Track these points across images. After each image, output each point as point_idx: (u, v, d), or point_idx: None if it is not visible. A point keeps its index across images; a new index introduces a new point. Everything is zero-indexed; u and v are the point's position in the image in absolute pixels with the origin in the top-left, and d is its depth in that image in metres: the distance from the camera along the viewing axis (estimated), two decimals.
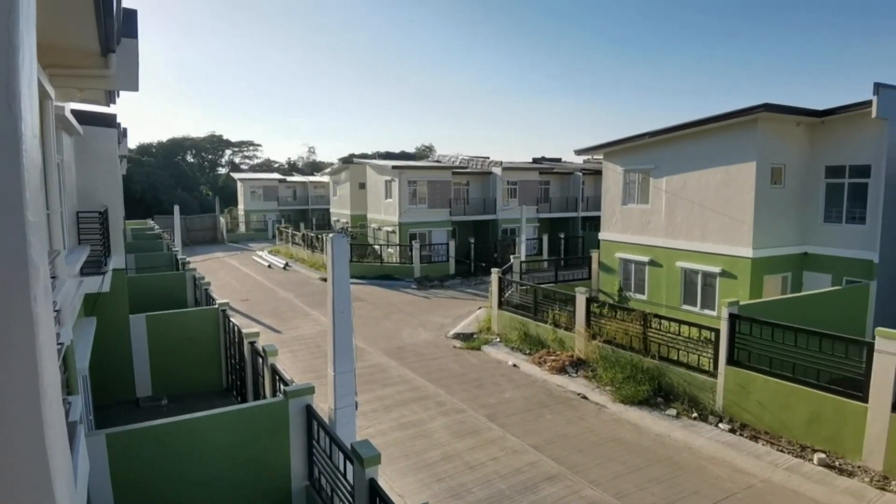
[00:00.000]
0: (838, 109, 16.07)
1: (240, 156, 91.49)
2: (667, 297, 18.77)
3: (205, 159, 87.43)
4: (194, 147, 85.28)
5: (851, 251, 16.02)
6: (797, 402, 10.56)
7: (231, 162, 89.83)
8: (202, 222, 52.86)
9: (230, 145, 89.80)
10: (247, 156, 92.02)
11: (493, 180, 35.96)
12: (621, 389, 12.85)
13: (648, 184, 19.59)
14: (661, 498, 8.89)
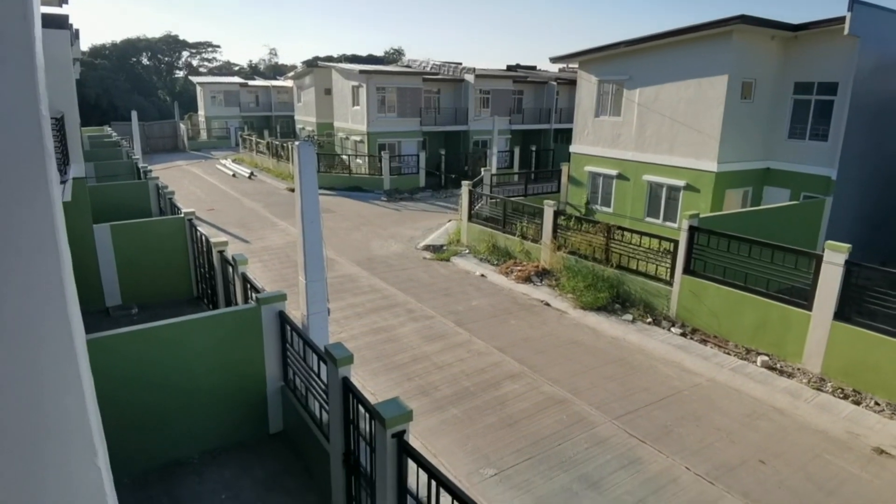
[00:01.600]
0: (812, 24, 15.89)
1: (198, 58, 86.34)
2: (632, 209, 19.21)
3: (161, 62, 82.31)
4: (149, 48, 79.94)
5: (812, 167, 16.48)
6: (746, 310, 11.27)
7: (189, 65, 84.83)
8: (162, 129, 50.66)
9: (187, 46, 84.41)
10: (205, 58, 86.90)
11: (466, 89, 35.01)
12: (582, 297, 13.45)
13: (622, 95, 19.41)
14: (613, 394, 9.62)
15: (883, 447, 8.27)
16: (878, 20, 15.43)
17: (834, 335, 9.96)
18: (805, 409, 9.28)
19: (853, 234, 15.98)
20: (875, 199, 17.33)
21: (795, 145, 16.95)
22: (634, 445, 8.21)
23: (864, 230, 16.97)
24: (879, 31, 15.53)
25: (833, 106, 15.95)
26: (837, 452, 8.18)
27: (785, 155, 17.19)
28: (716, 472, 7.65)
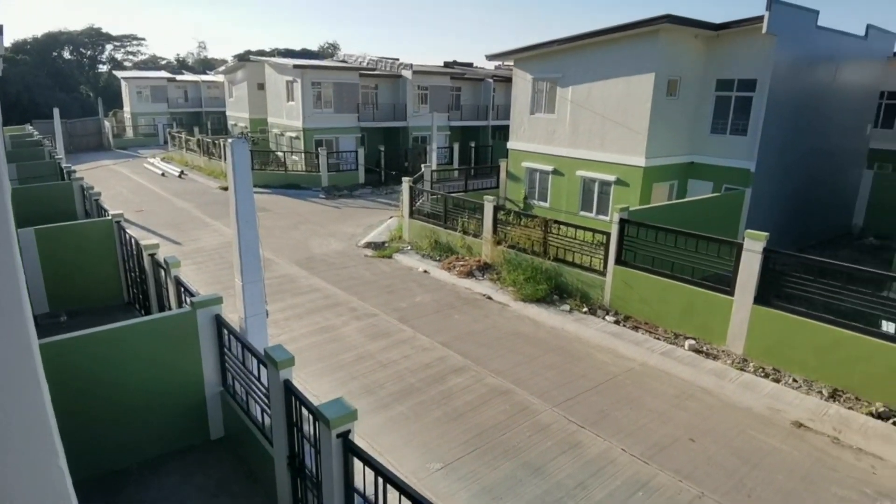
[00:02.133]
0: (733, 23, 16.82)
1: (122, 52, 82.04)
2: (567, 204, 19.79)
3: (84, 56, 77.67)
4: (71, 42, 75.25)
5: (732, 160, 17.48)
6: (674, 296, 11.87)
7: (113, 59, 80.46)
8: (85, 127, 47.82)
9: (111, 39, 79.97)
10: (130, 52, 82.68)
11: (404, 84, 34.93)
12: (522, 289, 13.77)
13: (555, 93, 19.92)
14: (553, 382, 9.93)
15: (801, 421, 8.93)
16: (795, 19, 16.52)
17: (754, 318, 10.66)
18: (730, 388, 9.89)
19: (771, 222, 17.10)
20: (791, 189, 18.59)
21: (717, 140, 17.93)
22: (574, 431, 8.52)
23: (781, 218, 18.19)
24: (795, 30, 16.64)
25: (752, 102, 16.97)
26: (760, 428, 8.77)
27: (708, 149, 18.16)
28: (650, 451, 8.06)
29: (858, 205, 22.08)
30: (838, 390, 9.65)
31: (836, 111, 19.43)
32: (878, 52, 20.75)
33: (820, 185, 19.74)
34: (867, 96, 20.99)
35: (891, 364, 9.10)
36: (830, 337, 9.70)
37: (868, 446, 8.32)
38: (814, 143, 18.83)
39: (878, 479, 7.62)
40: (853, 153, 21.28)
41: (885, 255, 18.00)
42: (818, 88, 18.37)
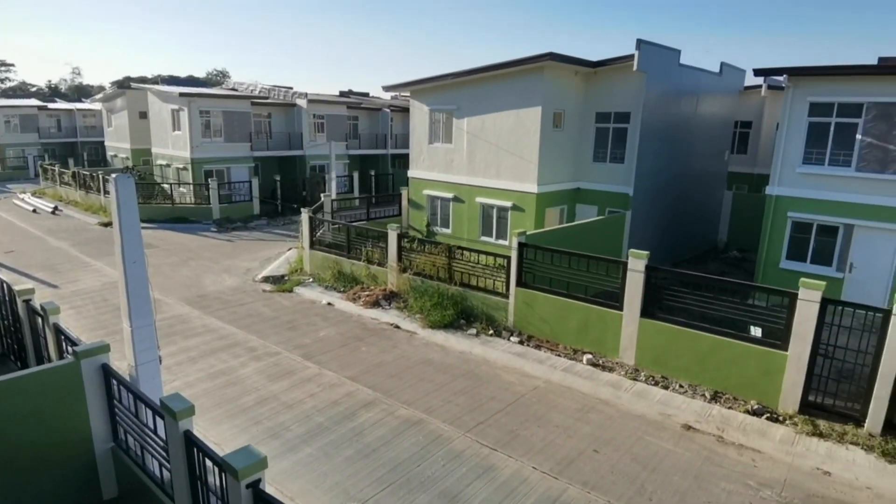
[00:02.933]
0: (608, 61, 18.37)
1: None
2: (468, 230, 20.36)
3: None
4: None
5: (613, 186, 18.93)
6: (570, 314, 12.55)
7: None
8: None
9: None
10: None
11: (299, 113, 34.44)
12: (430, 316, 13.92)
13: (452, 124, 20.58)
14: (464, 407, 10.08)
15: (689, 423, 9.71)
16: (660, 57, 18.33)
17: (642, 330, 11.52)
18: (626, 398, 10.57)
19: (649, 240, 18.62)
20: (664, 210, 20.37)
21: (599, 167, 19.35)
22: (487, 454, 8.69)
23: (657, 237, 19.85)
24: (661, 67, 18.44)
25: (627, 133, 18.55)
26: (655, 433, 9.43)
27: (592, 176, 19.54)
28: (559, 467, 8.39)
29: (722, 222, 24.64)
30: (719, 392, 10.62)
31: (698, 139, 21.68)
32: (731, 87, 23.52)
33: (689, 205, 21.83)
34: (724, 125, 23.64)
35: (760, 365, 10.19)
36: (708, 343, 10.70)
37: (748, 442, 9.21)
38: (681, 168, 20.84)
39: (758, 472, 8.43)
40: (715, 176, 23.79)
41: (747, 266, 20.17)
42: (683, 119, 20.44)
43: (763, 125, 26.12)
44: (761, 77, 17.40)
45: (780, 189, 15.73)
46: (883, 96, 14.09)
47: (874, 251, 14.65)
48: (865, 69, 14.57)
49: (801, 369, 9.81)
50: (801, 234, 15.67)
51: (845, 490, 8.04)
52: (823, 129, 15.04)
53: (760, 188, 17.45)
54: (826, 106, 14.93)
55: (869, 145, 14.43)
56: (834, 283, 14.76)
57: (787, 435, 9.37)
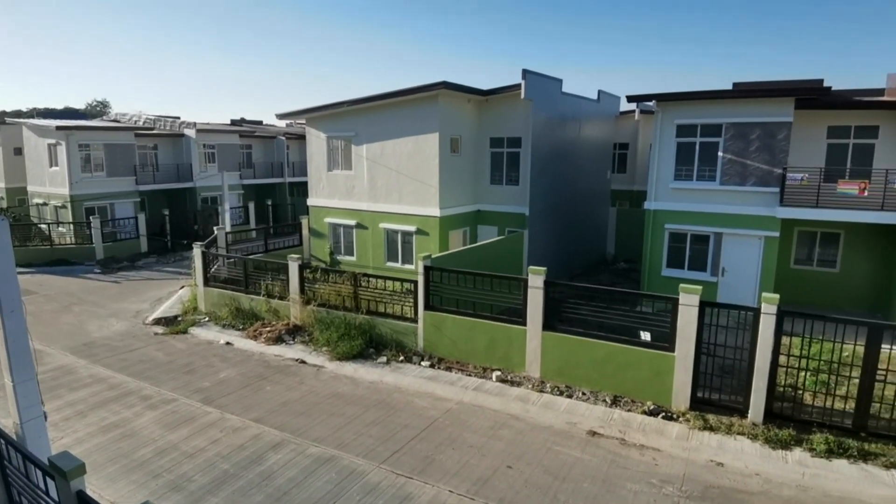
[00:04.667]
0: (497, 90, 19.27)
1: None
2: (373, 256, 20.28)
3: None
4: None
5: (510, 207, 19.72)
6: (478, 333, 12.82)
7: None
8: None
9: None
10: None
11: (187, 143, 32.84)
12: (337, 348, 13.64)
13: (351, 150, 20.55)
14: (377, 438, 9.93)
15: (594, 429, 10.19)
16: (545, 86, 19.46)
17: (545, 343, 11.99)
18: (534, 410, 10.91)
19: (547, 257, 19.53)
20: (558, 227, 21.48)
21: (497, 190, 20.11)
22: (403, 483, 8.59)
23: (553, 253, 20.87)
24: (546, 95, 19.58)
25: (520, 156, 19.46)
26: (563, 442, 9.80)
27: (490, 198, 20.25)
28: (475, 487, 8.47)
29: (609, 236, 26.42)
30: (618, 396, 11.26)
31: (583, 160, 23.17)
32: (608, 112, 25.43)
33: (579, 221, 23.19)
34: (604, 147, 25.45)
35: (652, 367, 10.94)
36: (605, 351, 11.35)
37: (648, 441, 9.81)
38: (571, 187, 22.13)
39: (660, 469, 8.98)
40: (600, 194, 25.49)
41: (634, 275, 21.66)
42: (568, 142, 21.77)
43: (638, 146, 28.41)
44: (634, 103, 18.98)
45: (657, 204, 17.16)
46: (738, 117, 15.86)
47: (741, 255, 16.31)
48: (722, 94, 16.34)
49: (688, 369, 10.64)
50: (678, 243, 17.14)
51: (737, 478, 8.76)
52: (690, 148, 16.64)
53: (640, 203, 18.95)
54: (691, 127, 16.55)
55: (729, 161, 16.14)
56: (710, 286, 16.22)
57: (681, 431, 10.08)
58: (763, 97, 15.66)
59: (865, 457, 9.12)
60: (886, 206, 14.63)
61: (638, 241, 18.86)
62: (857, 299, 16.94)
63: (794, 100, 15.31)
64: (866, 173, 15.63)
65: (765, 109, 15.55)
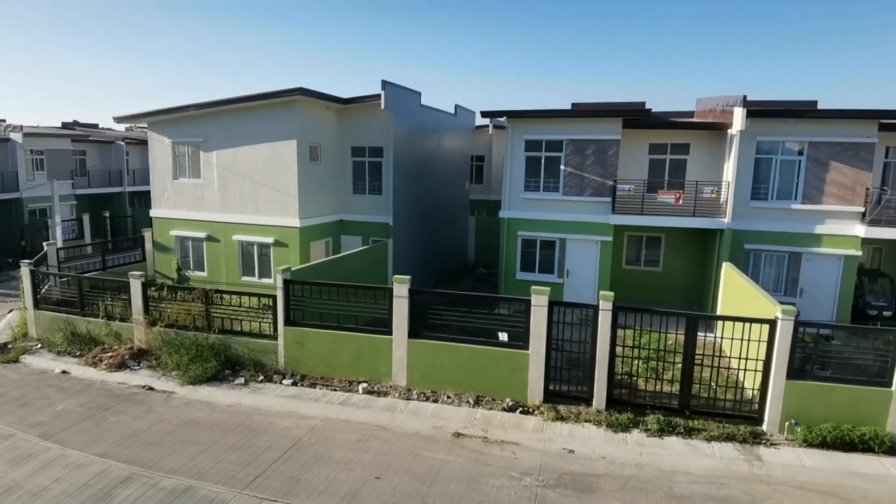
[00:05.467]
0: (357, 99, 19.28)
1: None
2: (227, 271, 19.21)
3: None
4: None
5: (374, 216, 19.82)
6: (343, 346, 12.72)
7: None
8: None
9: None
10: None
11: (13, 149, 28.65)
12: (189, 371, 12.74)
13: (199, 157, 19.31)
14: (238, 463, 9.45)
15: (459, 430, 10.59)
16: (404, 98, 19.84)
17: (411, 351, 12.24)
18: (401, 419, 11.08)
19: (412, 265, 19.92)
20: (422, 235, 22.00)
21: (360, 199, 20.10)
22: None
23: (418, 261, 21.33)
24: (406, 107, 19.98)
25: (382, 166, 19.64)
26: (430, 446, 10.06)
27: (353, 208, 20.18)
28: (343, 502, 8.40)
29: (469, 243, 27.63)
30: (480, 396, 11.82)
31: (444, 171, 23.99)
32: (465, 126, 26.60)
33: (441, 230, 23.96)
34: (462, 159, 26.58)
35: (509, 365, 11.65)
36: (467, 353, 11.87)
37: (507, 437, 10.42)
38: (432, 197, 22.81)
39: (519, 462, 9.58)
40: (460, 203, 26.56)
41: (493, 280, 22.85)
42: (429, 153, 22.42)
43: (493, 158, 30.04)
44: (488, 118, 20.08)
45: (510, 213, 18.33)
46: (576, 134, 17.47)
47: (582, 258, 17.96)
48: (562, 112, 17.92)
49: (540, 364, 11.50)
50: (530, 248, 18.45)
51: (586, 463, 9.62)
52: (537, 161, 18.01)
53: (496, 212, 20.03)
54: (537, 142, 17.93)
55: (570, 174, 17.71)
56: (557, 287, 17.68)
57: (537, 424, 10.86)
58: (596, 116, 17.44)
59: (690, 432, 10.52)
60: (697, 212, 17.05)
61: (495, 247, 19.96)
62: (677, 294, 19.41)
63: (621, 120, 17.24)
64: (681, 185, 18.04)
65: (598, 128, 17.32)
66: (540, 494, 8.63)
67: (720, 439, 10.34)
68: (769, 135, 16.76)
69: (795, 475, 9.33)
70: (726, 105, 17.54)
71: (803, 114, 16.72)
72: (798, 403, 10.46)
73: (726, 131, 17.26)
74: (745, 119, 15.98)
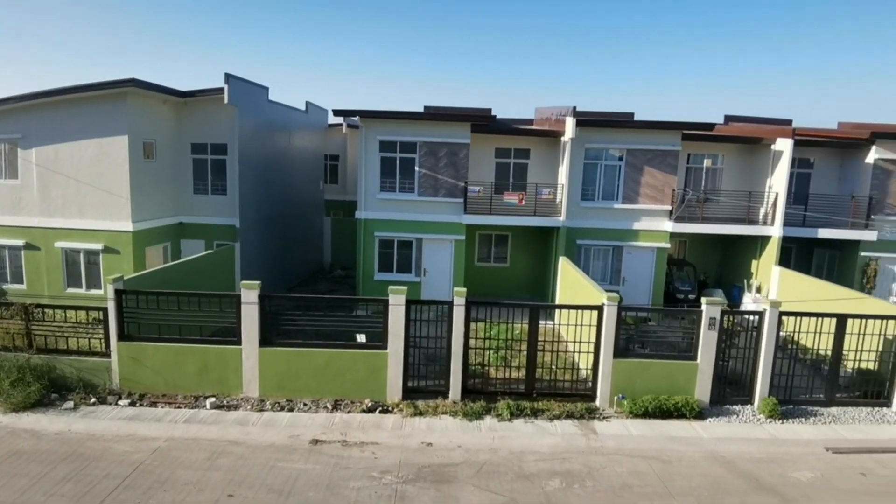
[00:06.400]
0: (198, 92, 18.02)
1: None
2: (49, 282, 16.98)
3: None
4: None
5: (218, 218, 18.69)
6: (187, 360, 11.87)
7: None
8: None
9: None
10: None
11: None
12: (10, 397, 11.08)
13: (17, 155, 16.85)
14: (71, 496, 8.42)
15: (317, 437, 10.44)
16: (250, 93, 18.91)
17: (263, 360, 11.78)
18: (255, 431, 10.65)
19: (263, 270, 19.15)
20: (274, 238, 21.19)
21: (202, 200, 18.83)
22: None
23: (270, 265, 20.53)
24: (252, 102, 19.07)
25: (226, 164, 18.59)
26: (286, 457, 9.79)
27: (194, 209, 18.85)
28: None
29: (325, 245, 27.18)
30: (339, 400, 11.76)
31: (296, 170, 23.33)
32: (318, 124, 26.06)
33: (295, 232, 23.29)
34: (316, 158, 26.03)
35: (368, 366, 11.74)
36: (323, 358, 11.73)
37: (367, 438, 10.49)
38: (284, 197, 22.07)
39: (379, 462, 9.69)
40: (315, 204, 26.01)
41: (351, 282, 22.77)
42: (279, 152, 21.66)
43: (348, 158, 29.81)
44: (341, 117, 19.93)
45: (366, 213, 18.39)
46: (429, 137, 18.02)
47: (438, 257, 18.60)
48: (414, 115, 18.34)
49: (398, 363, 11.74)
50: (387, 249, 18.67)
51: (444, 453, 10.02)
52: (392, 162, 18.27)
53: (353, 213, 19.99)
54: (392, 143, 18.19)
55: (425, 175, 18.23)
56: (415, 286, 18.11)
57: (396, 421, 11.08)
58: (446, 120, 18.13)
59: (536, 414, 11.44)
60: (538, 212, 18.50)
61: (353, 248, 19.86)
62: (523, 287, 20.88)
63: (469, 124, 18.12)
64: (523, 187, 19.43)
65: (449, 131, 18.03)
66: (400, 491, 8.85)
67: (561, 417, 11.39)
68: (595, 142, 18.70)
69: (624, 444, 10.58)
70: (560, 114, 19.23)
71: (621, 124, 18.90)
72: (624, 379, 11.86)
73: (560, 138, 18.90)
74: (575, 128, 17.66)
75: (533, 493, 8.87)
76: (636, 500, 8.79)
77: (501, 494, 8.82)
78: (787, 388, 12.31)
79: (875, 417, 12.01)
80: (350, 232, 22.63)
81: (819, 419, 11.81)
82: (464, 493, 8.84)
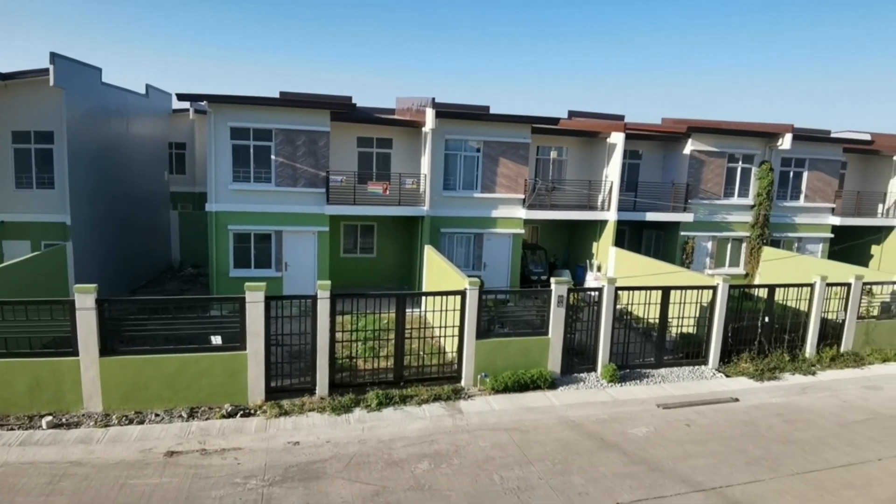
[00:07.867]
0: (18, 74, 15.83)
1: None
2: None
3: None
4: None
5: (46, 215, 16.55)
6: (16, 377, 10.45)
7: None
8: None
9: None
10: None
11: None
12: None
13: None
14: None
15: (172, 449, 9.74)
16: (80, 74, 16.85)
17: (105, 371, 10.70)
18: (100, 449, 9.69)
19: (102, 271, 17.33)
20: (113, 236, 19.21)
21: (25, 195, 16.56)
22: None
23: (110, 266, 18.61)
24: (83, 85, 17.02)
25: (53, 154, 16.47)
26: (138, 473, 9.03)
27: (17, 206, 16.54)
28: None
29: (174, 241, 25.18)
30: (195, 408, 11.07)
31: (136, 160, 21.28)
32: (160, 109, 23.93)
33: (137, 228, 21.30)
34: (159, 146, 23.93)
35: (226, 369, 11.17)
36: (175, 364, 10.95)
37: (228, 444, 10.01)
38: (123, 190, 20.07)
39: (243, 467, 9.29)
40: (158, 197, 23.94)
41: (203, 280, 21.38)
42: (116, 140, 19.61)
43: (196, 146, 27.77)
44: (187, 101, 18.48)
45: (218, 205, 17.33)
46: (286, 124, 17.38)
47: (300, 250, 18.11)
48: (268, 100, 17.56)
49: (259, 363, 11.32)
50: (243, 243, 17.78)
51: (312, 450, 9.87)
52: (246, 150, 17.38)
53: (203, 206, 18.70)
54: (244, 130, 17.28)
55: (282, 164, 17.58)
56: (276, 281, 17.50)
57: (259, 424, 10.69)
58: (304, 107, 17.61)
59: (405, 400, 11.68)
60: (402, 202, 18.72)
61: (204, 244, 18.60)
62: (391, 277, 21.08)
63: (329, 112, 17.77)
64: (387, 176, 19.54)
65: (307, 119, 17.54)
66: (266, 494, 8.60)
67: (429, 401, 11.76)
68: (455, 134, 19.32)
69: (487, 419, 11.22)
70: (420, 105, 19.55)
71: (478, 117, 19.72)
72: (486, 358, 12.55)
73: (421, 129, 19.25)
74: (435, 119, 18.09)
75: (403, 478, 9.11)
76: (498, 471, 9.40)
77: (371, 484, 8.94)
78: (624, 355, 13.84)
79: (695, 374, 13.93)
80: (201, 226, 21.17)
81: (651, 380, 13.44)
82: (333, 487, 8.82)
